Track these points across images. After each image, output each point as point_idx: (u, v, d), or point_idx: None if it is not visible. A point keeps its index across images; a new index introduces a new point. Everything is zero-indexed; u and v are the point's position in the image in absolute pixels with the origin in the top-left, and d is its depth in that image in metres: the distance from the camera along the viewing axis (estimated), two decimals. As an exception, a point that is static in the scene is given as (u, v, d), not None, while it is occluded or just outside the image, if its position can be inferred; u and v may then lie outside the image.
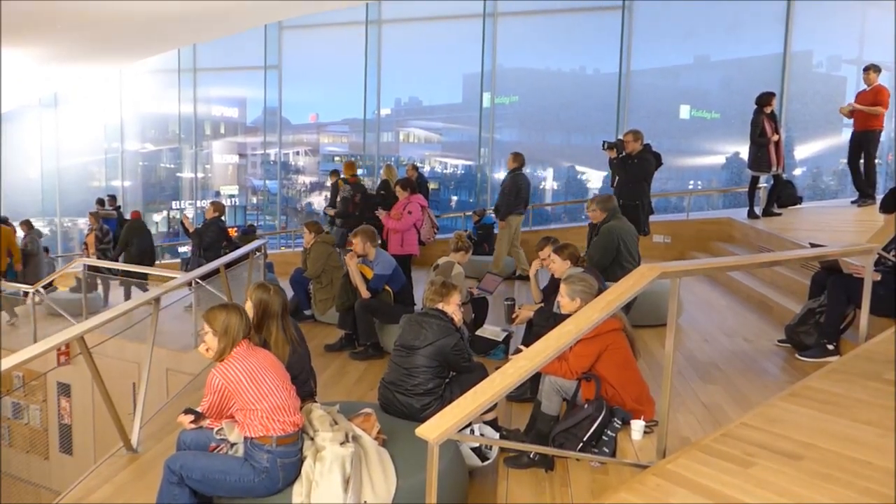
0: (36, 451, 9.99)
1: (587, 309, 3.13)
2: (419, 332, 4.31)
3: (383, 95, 17.58)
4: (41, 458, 9.94)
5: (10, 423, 10.10)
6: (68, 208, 20.60)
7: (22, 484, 9.79)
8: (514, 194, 9.61)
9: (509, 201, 9.58)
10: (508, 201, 9.59)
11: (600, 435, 3.88)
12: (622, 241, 6.28)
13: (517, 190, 9.66)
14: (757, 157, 9.39)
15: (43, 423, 9.91)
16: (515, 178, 9.69)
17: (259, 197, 20.99)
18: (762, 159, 9.31)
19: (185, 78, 18.59)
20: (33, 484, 9.71)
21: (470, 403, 2.71)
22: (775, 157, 9.30)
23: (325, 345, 7.13)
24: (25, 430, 10.08)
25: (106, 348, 8.36)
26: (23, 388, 9.88)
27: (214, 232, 9.35)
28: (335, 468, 3.28)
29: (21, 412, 10.14)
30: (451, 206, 18.75)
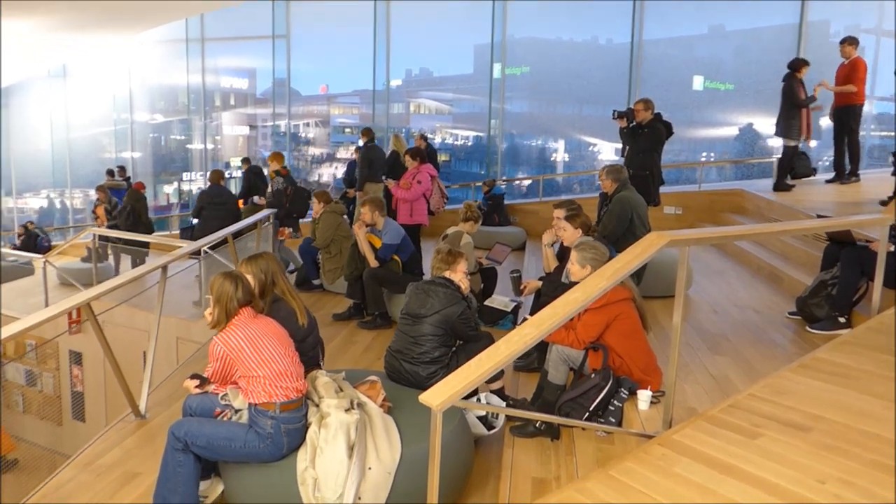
0: (49, 418, 10.10)
1: (594, 277, 3.09)
2: (425, 301, 4.29)
3: (394, 66, 17.41)
4: (55, 424, 10.06)
5: (24, 389, 10.20)
6: (79, 179, 20.61)
7: (37, 449, 9.92)
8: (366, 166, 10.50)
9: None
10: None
11: (607, 405, 3.86)
12: (635, 211, 6.21)
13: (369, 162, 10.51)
14: (789, 124, 9.09)
15: (56, 391, 10.01)
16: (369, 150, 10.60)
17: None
18: (794, 127, 9.00)
19: (194, 48, 18.47)
20: (48, 449, 9.82)
21: (474, 371, 2.69)
22: (806, 126, 9.07)
23: (333, 314, 7.14)
24: (39, 397, 10.19)
25: (116, 317, 8.41)
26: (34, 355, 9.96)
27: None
28: (340, 435, 3.28)
29: (35, 379, 10.25)
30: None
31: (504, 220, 11.56)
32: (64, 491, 3.77)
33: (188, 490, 3.33)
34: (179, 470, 3.32)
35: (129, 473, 3.92)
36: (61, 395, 9.93)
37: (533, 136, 18.81)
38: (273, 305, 3.87)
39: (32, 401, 10.19)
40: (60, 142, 20.53)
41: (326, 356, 5.98)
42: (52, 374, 9.99)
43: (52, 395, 10.04)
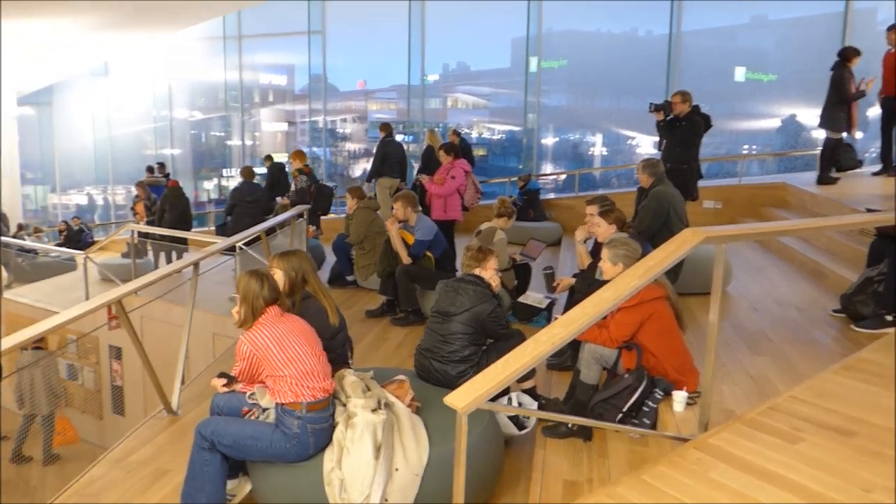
0: (90, 412, 10.28)
1: (626, 275, 3.00)
2: (455, 299, 4.23)
3: (431, 61, 17.38)
4: (95, 417, 10.24)
5: (66, 383, 10.38)
6: (120, 176, 20.97)
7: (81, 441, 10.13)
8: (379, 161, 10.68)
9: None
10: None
11: (641, 406, 3.76)
12: (672, 206, 6.06)
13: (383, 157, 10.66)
14: (834, 115, 8.76)
15: (96, 385, 10.18)
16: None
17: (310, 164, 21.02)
18: (841, 119, 8.67)
19: (232, 45, 18.63)
20: (88, 442, 10.01)
21: (501, 372, 2.62)
22: (852, 118, 8.73)
23: (365, 311, 7.12)
24: (80, 391, 10.38)
25: (154, 312, 8.52)
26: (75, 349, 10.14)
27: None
28: (366, 435, 3.24)
29: (76, 373, 10.43)
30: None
31: (539, 215, 11.44)
32: (94, 488, 3.79)
33: (215, 489, 3.32)
34: (206, 469, 3.30)
35: (160, 471, 3.94)
36: (101, 389, 10.10)
37: (570, 131, 18.66)
38: (304, 302, 3.84)
39: (74, 394, 10.38)
40: (102, 139, 20.90)
41: (358, 353, 5.98)
42: (92, 368, 10.16)
43: (92, 389, 10.22)
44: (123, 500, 3.66)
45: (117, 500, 3.66)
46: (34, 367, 9.20)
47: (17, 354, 9.64)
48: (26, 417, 9.38)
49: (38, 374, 9.37)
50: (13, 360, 9.97)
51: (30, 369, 9.35)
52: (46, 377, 9.49)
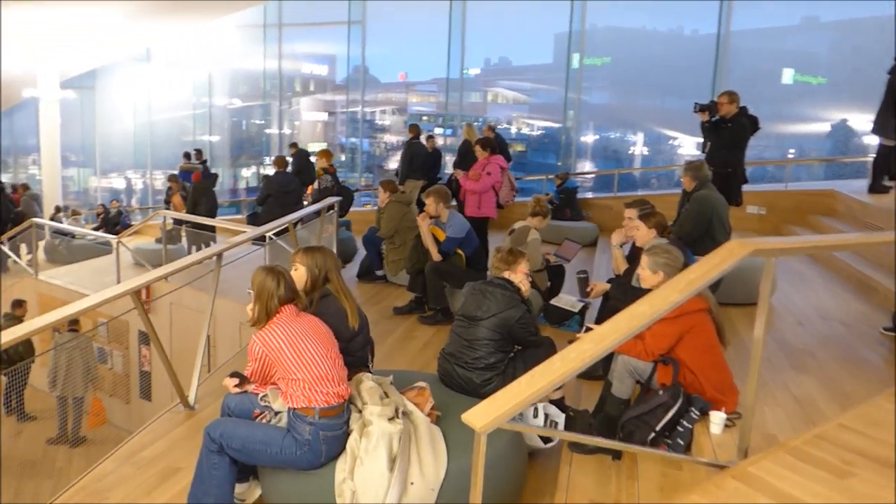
0: (118, 395, 10.32)
1: (665, 288, 2.77)
2: (482, 302, 4.03)
3: (473, 54, 17.22)
4: (123, 401, 10.27)
5: (97, 365, 10.42)
6: (159, 161, 21.13)
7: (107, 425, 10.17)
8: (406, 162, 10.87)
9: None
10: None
11: (675, 425, 3.53)
12: (715, 211, 5.79)
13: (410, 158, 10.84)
14: (889, 122, 8.19)
15: (125, 369, 10.21)
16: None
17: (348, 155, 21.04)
18: (893, 125, 8.25)
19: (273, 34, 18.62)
20: (115, 426, 10.04)
21: (525, 389, 2.42)
22: None
23: (394, 307, 6.97)
24: (109, 374, 10.42)
25: (183, 299, 8.48)
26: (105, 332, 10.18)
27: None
28: (381, 445, 3.07)
29: (106, 357, 10.48)
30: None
31: (576, 214, 11.17)
32: (103, 484, 3.68)
33: (222, 492, 3.19)
34: (214, 472, 3.17)
35: (170, 468, 3.81)
36: (130, 373, 10.13)
37: (611, 129, 18.38)
38: (322, 301, 3.68)
39: (104, 378, 10.41)
40: (142, 124, 21.07)
41: (383, 351, 5.83)
42: (122, 352, 10.19)
43: (121, 373, 10.25)
44: (129, 500, 3.54)
45: (123, 499, 3.55)
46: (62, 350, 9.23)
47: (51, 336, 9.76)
48: (60, 399, 9.43)
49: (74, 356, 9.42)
50: (46, 343, 10.10)
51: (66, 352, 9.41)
52: (82, 359, 9.53)
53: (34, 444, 9.63)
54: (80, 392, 9.45)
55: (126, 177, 22.74)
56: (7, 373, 9.52)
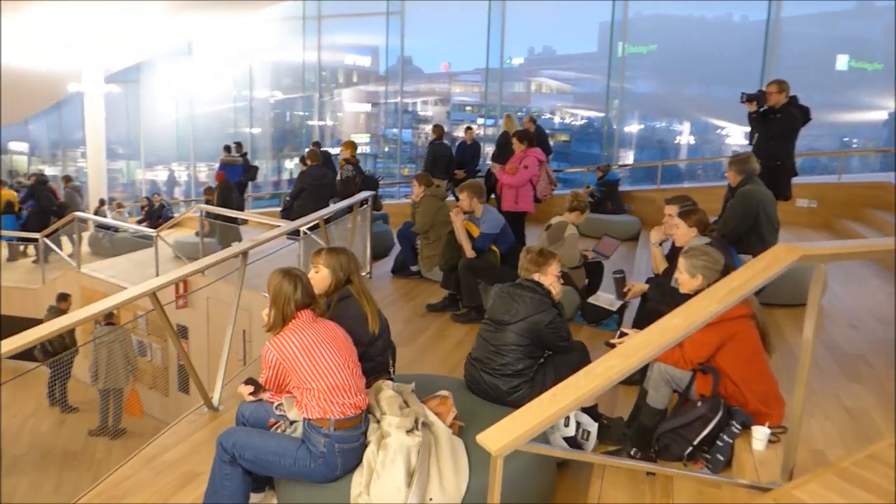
0: (157, 388, 10.40)
1: (703, 298, 2.56)
2: (510, 306, 3.84)
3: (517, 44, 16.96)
4: (162, 394, 10.35)
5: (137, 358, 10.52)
6: (202, 153, 21.29)
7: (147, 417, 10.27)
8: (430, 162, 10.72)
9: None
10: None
11: (714, 439, 3.30)
12: (761, 207, 5.49)
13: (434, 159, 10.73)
14: None
15: (164, 362, 10.28)
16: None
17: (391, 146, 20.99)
18: None
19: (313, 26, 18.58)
20: (153, 417, 10.12)
21: (546, 408, 2.24)
22: None
23: (427, 304, 6.83)
24: (149, 367, 10.51)
25: (220, 293, 8.46)
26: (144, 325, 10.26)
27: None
28: (399, 459, 2.92)
29: (145, 350, 10.57)
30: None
31: (618, 207, 10.87)
32: (121, 489, 3.61)
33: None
34: (226, 483, 3.06)
35: (189, 474, 3.72)
36: (168, 366, 10.19)
37: (656, 118, 17.96)
38: (341, 303, 3.53)
39: (143, 370, 10.50)
40: (185, 117, 21.27)
41: (414, 349, 5.70)
42: (160, 346, 10.26)
43: (160, 366, 10.32)
44: (146, 506, 3.46)
45: (140, 505, 3.47)
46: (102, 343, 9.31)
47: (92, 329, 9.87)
48: (102, 392, 9.54)
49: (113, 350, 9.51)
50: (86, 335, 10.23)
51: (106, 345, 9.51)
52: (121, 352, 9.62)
53: (76, 434, 9.78)
54: (120, 384, 9.54)
55: (170, 169, 23.00)
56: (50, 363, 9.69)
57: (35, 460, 9.05)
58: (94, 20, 14.34)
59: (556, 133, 20.34)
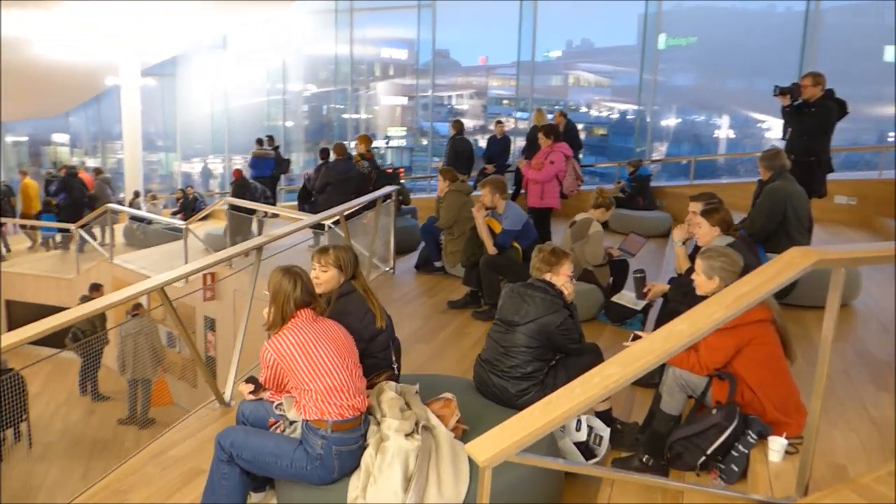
0: (186, 379, 10.49)
1: (709, 304, 2.43)
2: (520, 306, 3.73)
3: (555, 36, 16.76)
4: (190, 385, 10.43)
5: (166, 350, 10.63)
6: (237, 146, 21.44)
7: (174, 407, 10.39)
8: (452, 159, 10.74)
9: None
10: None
11: (729, 449, 3.17)
12: (790, 204, 5.30)
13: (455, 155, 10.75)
14: None
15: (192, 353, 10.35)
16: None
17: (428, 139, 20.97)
18: None
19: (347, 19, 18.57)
20: (182, 408, 10.22)
21: (538, 419, 2.14)
22: None
23: (448, 301, 6.74)
24: (178, 359, 10.61)
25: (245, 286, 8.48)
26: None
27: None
28: (396, 463, 2.85)
29: (174, 342, 10.67)
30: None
31: (649, 203, 10.65)
32: (124, 484, 3.60)
33: (232, 503, 3.03)
34: (223, 482, 3.02)
35: (195, 471, 3.70)
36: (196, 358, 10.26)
37: (695, 112, 17.61)
38: (342, 299, 3.47)
39: (173, 362, 10.62)
40: (220, 111, 21.45)
41: (433, 347, 5.64)
42: (189, 337, 10.33)
43: (189, 357, 10.41)
44: (148, 502, 3.44)
45: (143, 501, 3.45)
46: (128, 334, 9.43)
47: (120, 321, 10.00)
48: (130, 382, 9.66)
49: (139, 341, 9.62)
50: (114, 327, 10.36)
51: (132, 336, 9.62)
52: (147, 343, 9.73)
53: (106, 423, 9.92)
54: (148, 375, 9.64)
55: (205, 161, 23.24)
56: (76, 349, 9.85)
57: (66, 448, 9.21)
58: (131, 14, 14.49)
59: (593, 127, 20.10)
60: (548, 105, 18.08)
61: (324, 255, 3.51)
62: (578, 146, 10.84)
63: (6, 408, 8.44)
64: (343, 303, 3.43)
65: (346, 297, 3.47)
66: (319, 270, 3.48)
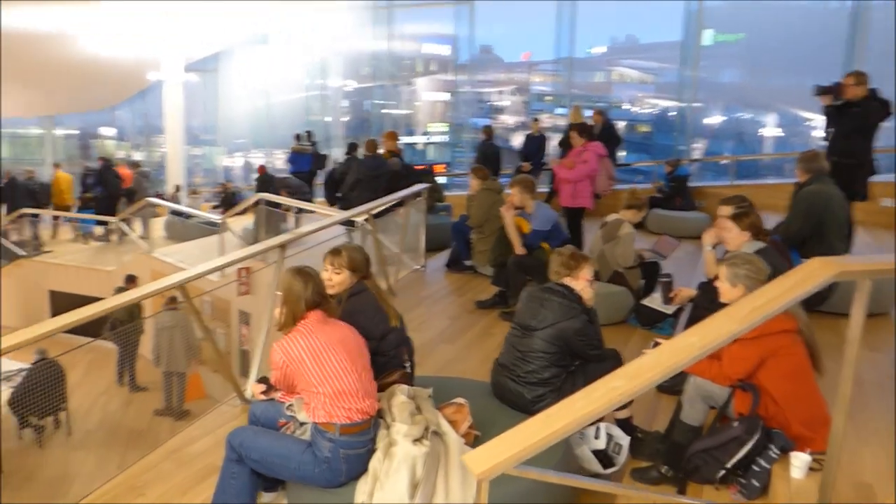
0: (221, 372, 10.61)
1: (721, 316, 2.33)
2: (537, 311, 3.66)
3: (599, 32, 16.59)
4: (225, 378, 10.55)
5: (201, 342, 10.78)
6: (278, 141, 21.62)
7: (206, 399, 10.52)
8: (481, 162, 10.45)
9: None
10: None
11: (750, 464, 3.06)
12: (827, 209, 5.12)
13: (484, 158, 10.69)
14: None
15: (227, 347, 10.48)
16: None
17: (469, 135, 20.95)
18: None
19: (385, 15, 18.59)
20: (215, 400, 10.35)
21: (537, 431, 2.08)
22: None
23: (476, 301, 6.69)
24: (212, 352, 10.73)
25: (277, 281, 8.56)
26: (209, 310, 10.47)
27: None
28: (403, 468, 2.81)
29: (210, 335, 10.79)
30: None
31: (688, 203, 10.42)
32: (141, 480, 3.64)
33: (241, 503, 3.04)
34: (232, 482, 3.03)
35: (212, 467, 3.69)
36: (231, 351, 10.38)
37: (740, 109, 17.24)
38: (353, 298, 3.44)
39: (207, 355, 10.74)
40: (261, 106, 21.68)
41: (458, 347, 5.60)
42: (224, 331, 10.45)
43: (223, 350, 10.53)
44: (163, 499, 3.47)
45: (157, 498, 3.48)
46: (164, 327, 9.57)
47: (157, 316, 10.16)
48: (166, 374, 9.82)
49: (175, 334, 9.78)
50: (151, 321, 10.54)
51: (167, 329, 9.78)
52: (182, 336, 9.88)
53: (143, 413, 10.10)
54: (182, 368, 9.78)
55: (245, 156, 23.52)
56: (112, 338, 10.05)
57: (103, 437, 9.39)
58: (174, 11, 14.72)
59: (636, 124, 19.84)
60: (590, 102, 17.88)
61: (336, 258, 3.48)
62: (617, 144, 10.68)
63: (47, 396, 8.65)
64: (354, 302, 3.41)
65: (357, 297, 3.45)
66: (332, 272, 3.46)
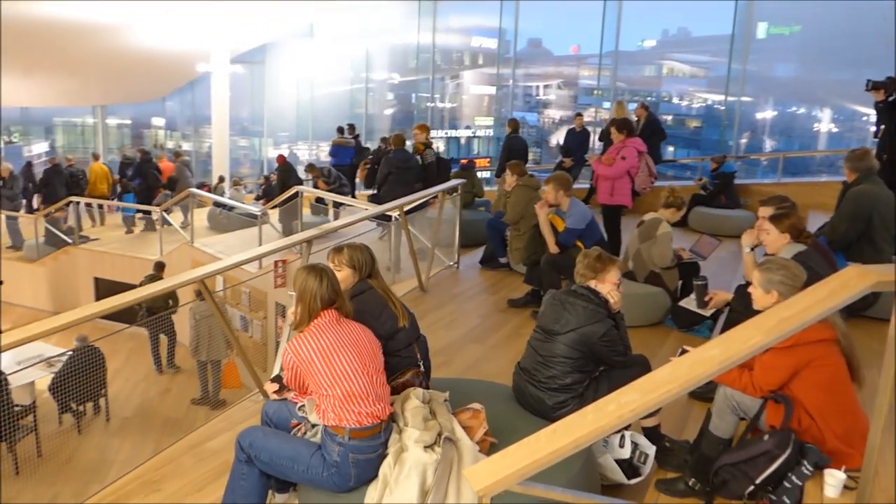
0: (256, 363, 10.68)
1: (746, 328, 2.19)
2: (560, 314, 3.53)
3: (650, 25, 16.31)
4: (261, 370, 10.61)
5: (238, 332, 10.87)
6: (323, 133, 21.73)
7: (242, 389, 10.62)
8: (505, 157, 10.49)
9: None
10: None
11: (781, 479, 2.90)
12: (876, 210, 4.88)
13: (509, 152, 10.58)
14: None
15: (262, 338, 10.55)
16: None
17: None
18: None
19: (441, 7, 18.51)
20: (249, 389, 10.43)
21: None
22: None
23: (508, 299, 6.58)
24: (249, 342, 10.82)
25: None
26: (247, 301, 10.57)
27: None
28: (413, 475, 2.73)
29: (247, 325, 10.89)
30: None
31: (732, 201, 10.12)
32: (159, 473, 3.64)
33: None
34: (242, 483, 2.98)
35: (229, 463, 3.65)
36: (267, 343, 10.45)
37: (794, 103, 16.72)
38: (358, 298, 3.36)
39: (244, 345, 10.83)
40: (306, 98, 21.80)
41: (488, 346, 5.52)
42: (260, 322, 10.53)
43: (259, 342, 10.60)
44: (180, 494, 3.45)
45: (174, 493, 3.47)
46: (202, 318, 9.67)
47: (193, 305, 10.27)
48: (199, 363, 9.93)
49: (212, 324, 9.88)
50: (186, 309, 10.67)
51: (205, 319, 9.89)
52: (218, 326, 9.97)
53: (180, 402, 10.24)
54: (217, 357, 9.88)
55: (290, 148, 23.69)
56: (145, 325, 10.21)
57: (140, 424, 9.54)
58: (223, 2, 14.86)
59: (687, 119, 19.43)
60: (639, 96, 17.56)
61: (338, 255, 3.42)
62: (661, 139, 10.41)
63: (87, 381, 8.80)
64: (358, 302, 3.32)
65: (361, 297, 3.36)
66: (333, 269, 3.39)
